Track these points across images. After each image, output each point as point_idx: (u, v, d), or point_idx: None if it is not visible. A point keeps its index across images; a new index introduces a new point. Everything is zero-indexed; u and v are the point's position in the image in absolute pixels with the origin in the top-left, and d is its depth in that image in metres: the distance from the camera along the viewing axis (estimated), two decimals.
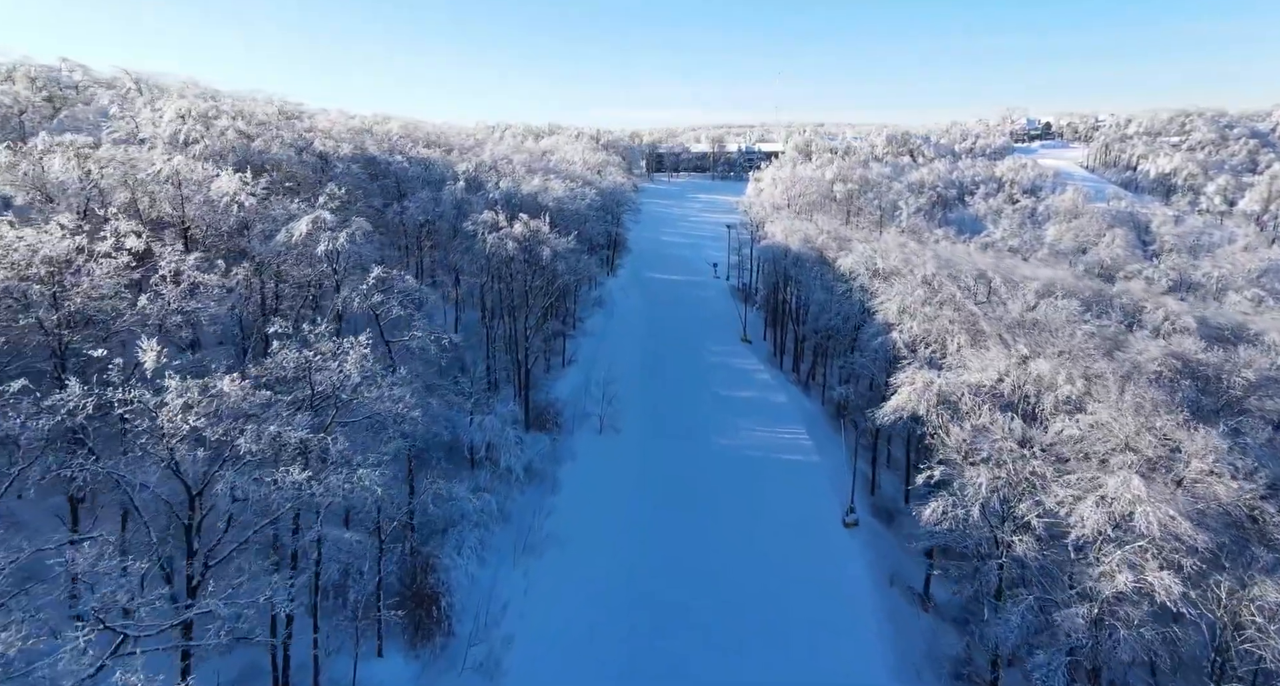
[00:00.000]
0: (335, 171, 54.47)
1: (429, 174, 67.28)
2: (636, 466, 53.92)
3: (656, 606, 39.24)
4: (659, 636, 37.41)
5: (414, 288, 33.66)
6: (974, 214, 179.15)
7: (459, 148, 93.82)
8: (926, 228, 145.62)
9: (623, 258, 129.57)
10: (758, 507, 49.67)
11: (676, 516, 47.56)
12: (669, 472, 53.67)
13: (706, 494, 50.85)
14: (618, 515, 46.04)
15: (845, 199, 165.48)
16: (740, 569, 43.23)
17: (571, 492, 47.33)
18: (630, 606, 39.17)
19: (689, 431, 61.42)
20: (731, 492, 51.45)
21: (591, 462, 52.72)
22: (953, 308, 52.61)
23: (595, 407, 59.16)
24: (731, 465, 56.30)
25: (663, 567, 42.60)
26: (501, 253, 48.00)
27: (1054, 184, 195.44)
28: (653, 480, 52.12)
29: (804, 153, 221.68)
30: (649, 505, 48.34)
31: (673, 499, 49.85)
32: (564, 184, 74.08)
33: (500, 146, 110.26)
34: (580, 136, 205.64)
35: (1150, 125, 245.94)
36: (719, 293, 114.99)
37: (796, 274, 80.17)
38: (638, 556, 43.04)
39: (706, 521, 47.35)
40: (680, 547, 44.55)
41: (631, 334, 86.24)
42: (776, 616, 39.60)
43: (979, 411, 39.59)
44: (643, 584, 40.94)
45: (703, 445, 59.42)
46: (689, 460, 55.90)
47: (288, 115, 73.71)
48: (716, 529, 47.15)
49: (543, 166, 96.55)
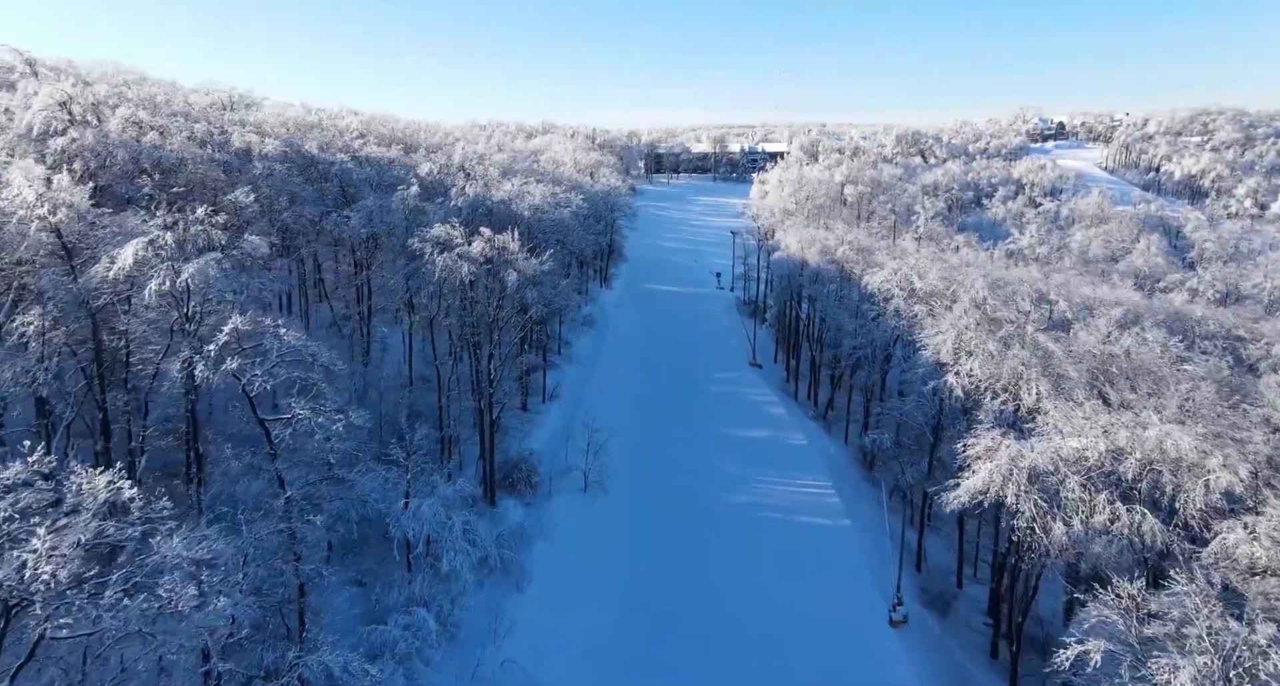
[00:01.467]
0: (254, 173, 43.79)
1: (383, 176, 56.53)
2: (628, 545, 43.34)
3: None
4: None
5: (298, 347, 23.09)
6: (992, 218, 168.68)
7: (427, 146, 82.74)
8: (946, 233, 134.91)
9: (618, 267, 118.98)
10: (781, 603, 38.97)
11: (677, 624, 36.87)
12: (668, 552, 43.05)
13: (716, 584, 40.19)
14: (601, 629, 35.30)
15: (856, 202, 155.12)
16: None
17: (543, 590, 36.65)
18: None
19: (692, 488, 50.86)
20: (747, 580, 40.75)
21: (571, 540, 42.09)
22: (1021, 341, 42.08)
23: (579, 460, 48.56)
24: (745, 536, 45.66)
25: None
26: (455, 279, 37.49)
27: (1075, 186, 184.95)
28: (648, 566, 41.48)
29: (810, 153, 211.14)
30: (642, 612, 37.52)
31: (673, 592, 39.21)
32: (547, 189, 63.41)
33: (481, 145, 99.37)
34: (575, 135, 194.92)
35: (1170, 124, 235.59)
36: (724, 307, 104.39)
37: (814, 291, 69.58)
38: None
39: (716, 630, 36.67)
40: (684, 668, 33.98)
41: (626, 359, 75.60)
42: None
43: (1090, 500, 29.10)
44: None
45: (709, 507, 48.83)
46: (693, 533, 45.29)
47: (226, 107, 63.29)
48: (729, 633, 36.58)
49: (526, 167, 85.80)
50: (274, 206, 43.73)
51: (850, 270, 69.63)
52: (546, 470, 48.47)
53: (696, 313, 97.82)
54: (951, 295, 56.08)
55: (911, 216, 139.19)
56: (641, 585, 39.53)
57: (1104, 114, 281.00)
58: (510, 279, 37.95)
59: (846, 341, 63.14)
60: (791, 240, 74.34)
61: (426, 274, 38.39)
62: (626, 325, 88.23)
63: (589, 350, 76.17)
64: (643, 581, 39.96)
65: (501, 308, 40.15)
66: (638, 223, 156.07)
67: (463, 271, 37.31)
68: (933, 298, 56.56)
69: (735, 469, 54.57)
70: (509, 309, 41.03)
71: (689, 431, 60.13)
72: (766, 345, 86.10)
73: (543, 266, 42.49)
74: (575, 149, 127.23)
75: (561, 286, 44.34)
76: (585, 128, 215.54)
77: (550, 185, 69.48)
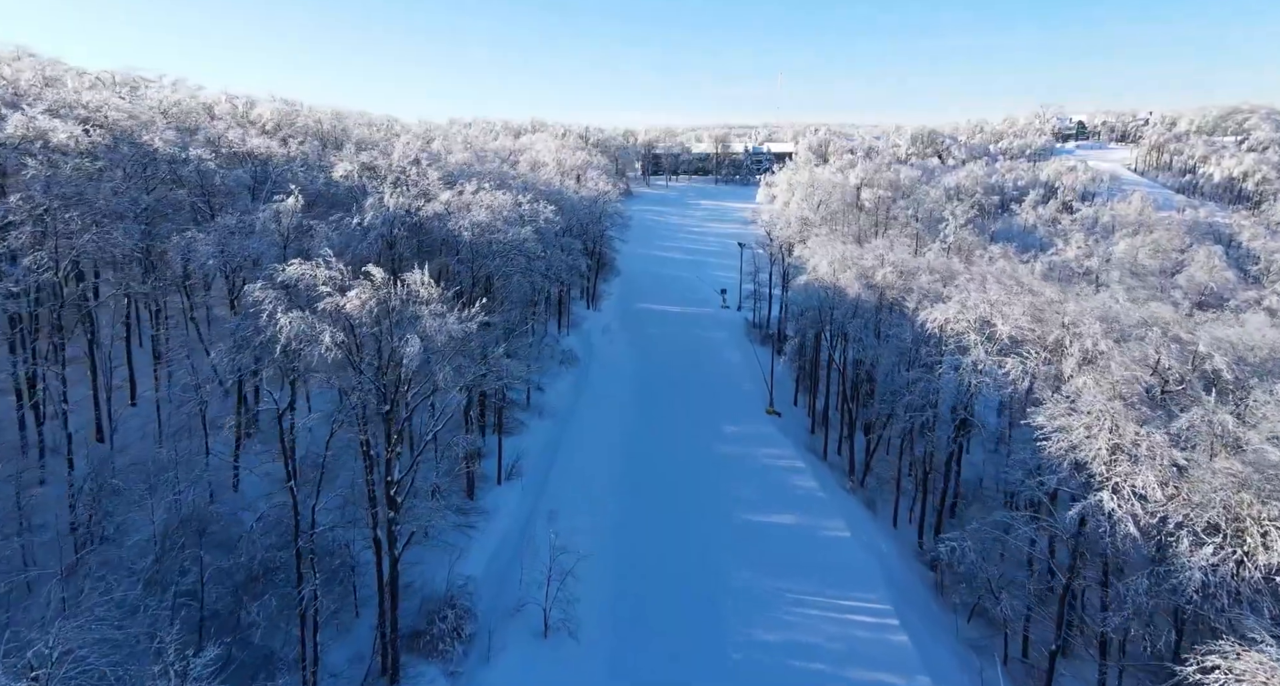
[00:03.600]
0: (27, 176, 28.89)
1: (267, 180, 40.92)
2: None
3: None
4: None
5: None
6: (1022, 224, 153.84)
7: (359, 142, 66.48)
8: (979, 243, 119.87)
9: (609, 282, 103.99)
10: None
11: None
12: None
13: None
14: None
15: (875, 208, 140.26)
16: None
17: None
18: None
19: (699, 621, 35.92)
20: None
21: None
22: (1210, 431, 27.21)
23: (537, 589, 33.60)
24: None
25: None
26: (313, 354, 22.58)
27: (1110, 189, 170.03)
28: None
29: (819, 154, 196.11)
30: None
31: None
32: (506, 198, 47.79)
33: (438, 143, 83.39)
34: (566, 135, 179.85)
35: (1201, 123, 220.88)
36: (731, 332, 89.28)
37: (855, 329, 54.56)
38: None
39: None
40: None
41: (613, 408, 60.50)
42: None
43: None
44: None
45: (723, 655, 33.86)
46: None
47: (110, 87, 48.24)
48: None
49: (493, 171, 70.03)
50: (56, 226, 28.66)
51: (893, 298, 54.69)
52: (488, 608, 33.53)
53: (700, 342, 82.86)
54: (1052, 343, 41.08)
55: (940, 224, 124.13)
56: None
57: (1125, 113, 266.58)
58: (409, 351, 23.01)
59: (898, 396, 48.17)
60: (821, 262, 59.28)
61: (267, 340, 23.34)
62: (616, 359, 73.19)
63: (567, 397, 61.08)
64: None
65: (402, 391, 25.17)
66: (633, 230, 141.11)
67: (323, 341, 22.44)
68: (1027, 345, 41.58)
69: (757, 581, 39.61)
70: (418, 390, 26.06)
71: (693, 518, 45.18)
72: (784, 382, 71.19)
73: (477, 321, 27.43)
74: (561, 148, 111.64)
75: (497, 356, 29.10)
76: (578, 126, 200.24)
77: (516, 194, 53.96)
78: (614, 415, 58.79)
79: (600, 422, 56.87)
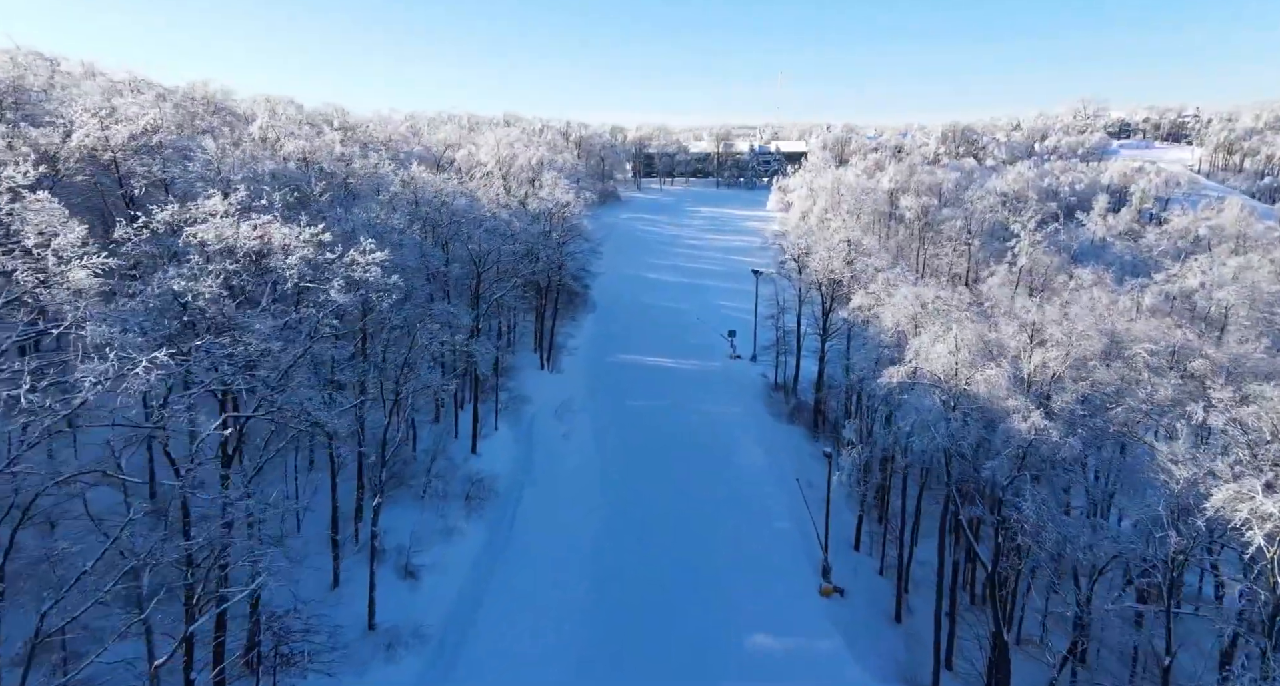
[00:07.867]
0: None
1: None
2: None
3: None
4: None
5: None
6: (1091, 237, 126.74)
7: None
8: (1058, 265, 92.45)
9: (577, 322, 76.79)
10: None
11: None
12: None
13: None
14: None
15: (916, 217, 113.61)
16: None
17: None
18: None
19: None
20: None
21: None
22: None
23: None
24: None
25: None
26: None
27: (1187, 194, 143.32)
28: None
29: (836, 153, 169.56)
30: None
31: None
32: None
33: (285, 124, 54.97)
34: (544, 131, 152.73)
35: (1268, 120, 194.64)
36: (747, 404, 61.50)
37: (1014, 483, 27.35)
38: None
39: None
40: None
41: (547, 613, 33.02)
42: None
43: None
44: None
45: None
46: None
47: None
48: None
49: (366, 175, 41.72)
50: None
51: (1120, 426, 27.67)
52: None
53: (704, 427, 55.12)
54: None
55: (1005, 241, 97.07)
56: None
57: (1170, 108, 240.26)
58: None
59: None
60: (935, 346, 31.65)
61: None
62: (569, 477, 45.26)
63: (476, 564, 33.69)
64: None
65: None
66: (615, 243, 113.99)
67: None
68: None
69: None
70: None
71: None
72: (842, 514, 43.91)
73: None
74: (514, 142, 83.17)
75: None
76: (558, 121, 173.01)
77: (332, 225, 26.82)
78: (548, 627, 31.35)
79: (519, 651, 29.47)
